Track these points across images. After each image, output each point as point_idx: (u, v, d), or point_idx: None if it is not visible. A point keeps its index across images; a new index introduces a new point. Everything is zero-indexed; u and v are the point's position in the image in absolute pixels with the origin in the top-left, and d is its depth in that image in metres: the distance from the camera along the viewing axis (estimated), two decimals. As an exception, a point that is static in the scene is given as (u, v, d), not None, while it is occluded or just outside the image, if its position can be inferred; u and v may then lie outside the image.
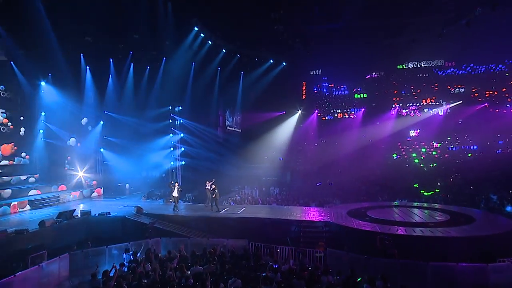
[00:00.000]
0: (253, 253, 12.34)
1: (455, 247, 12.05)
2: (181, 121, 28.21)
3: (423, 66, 38.20)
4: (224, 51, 26.50)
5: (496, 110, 35.32)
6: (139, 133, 26.25)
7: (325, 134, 37.62)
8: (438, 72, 37.93)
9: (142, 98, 25.50)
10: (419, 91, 38.20)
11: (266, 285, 8.65)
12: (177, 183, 17.99)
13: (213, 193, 17.30)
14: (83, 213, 16.03)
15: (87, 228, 15.82)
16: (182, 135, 28.12)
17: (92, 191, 23.74)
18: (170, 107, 27.55)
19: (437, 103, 37.57)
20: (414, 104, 38.05)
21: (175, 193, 17.62)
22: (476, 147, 34.83)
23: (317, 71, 41.57)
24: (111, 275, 9.77)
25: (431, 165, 32.68)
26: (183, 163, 28.19)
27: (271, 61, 29.67)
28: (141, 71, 25.29)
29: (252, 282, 8.91)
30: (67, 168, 23.87)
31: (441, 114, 37.04)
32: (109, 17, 19.17)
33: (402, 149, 35.86)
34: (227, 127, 34.90)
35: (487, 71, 36.79)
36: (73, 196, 21.86)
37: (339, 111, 39.98)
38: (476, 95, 36.84)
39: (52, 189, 21.80)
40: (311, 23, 25.35)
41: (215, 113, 31.81)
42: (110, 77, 24.94)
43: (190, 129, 28.56)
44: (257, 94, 31.77)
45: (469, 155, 34.26)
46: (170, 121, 27.67)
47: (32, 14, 17.25)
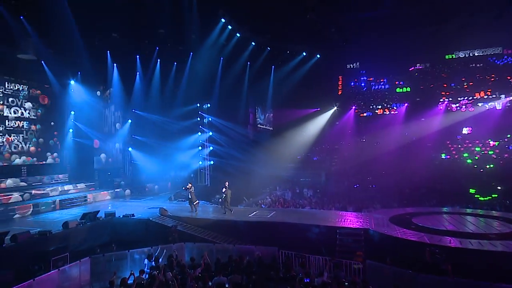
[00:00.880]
0: (282, 262, 11.69)
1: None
2: (210, 119, 28.10)
3: (476, 55, 35.33)
4: (253, 44, 25.93)
5: None
6: (166, 131, 26.39)
7: (364, 131, 36.18)
8: (495, 61, 34.91)
9: (169, 95, 25.65)
10: (472, 83, 35.40)
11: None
12: (189, 183, 17.64)
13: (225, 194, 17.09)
14: (107, 214, 16.09)
15: (111, 230, 15.85)
16: (210, 133, 28.02)
17: (119, 191, 24.08)
18: (198, 105, 27.58)
19: (493, 96, 34.53)
20: (465, 98, 35.26)
21: (189, 195, 17.45)
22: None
23: (354, 64, 40.23)
24: (130, 282, 9.48)
25: (488, 167, 29.97)
26: (212, 162, 28.10)
27: (304, 54, 28.67)
28: (168, 67, 25.41)
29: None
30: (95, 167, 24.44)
31: (498, 108, 33.95)
32: (134, 11, 19.22)
33: (452, 148, 33.28)
34: (258, 125, 34.50)
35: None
36: (101, 196, 22.23)
37: (379, 106, 38.27)
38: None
39: (80, 189, 22.26)
40: (348, 11, 24.03)
41: (244, 110, 31.39)
42: (137, 74, 25.27)
43: (218, 127, 28.36)
44: (289, 89, 30.98)
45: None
46: (198, 119, 27.74)
47: (57, 11, 17.58)
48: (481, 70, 35.18)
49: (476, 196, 24.54)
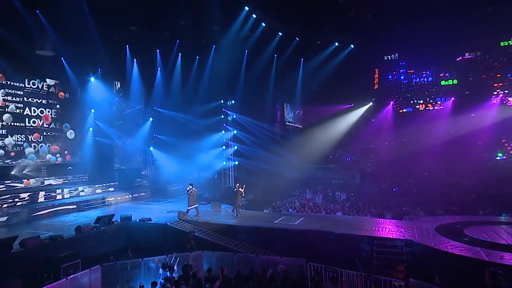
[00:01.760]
0: (311, 277, 10.87)
1: None
2: (234, 116, 27.75)
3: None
4: (280, 34, 25.08)
5: None
6: (188, 130, 26.25)
7: (403, 129, 34.63)
8: None
9: (190, 91, 25.44)
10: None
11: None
12: (191, 185, 17.12)
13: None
14: (123, 218, 15.79)
15: (126, 235, 15.54)
16: (235, 132, 27.67)
17: (140, 193, 23.99)
18: (221, 101, 27.27)
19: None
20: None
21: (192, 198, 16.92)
22: None
23: (393, 56, 38.47)
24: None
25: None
26: (236, 163, 27.72)
27: (336, 44, 27.40)
28: (190, 62, 25.18)
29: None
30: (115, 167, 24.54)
31: None
32: (153, 2, 18.93)
33: (508, 148, 30.62)
34: (287, 123, 33.81)
35: None
36: (120, 198, 22.19)
37: (421, 101, 36.34)
38: None
39: (98, 190, 22.34)
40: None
41: (271, 107, 30.94)
42: (158, 70, 25.13)
43: (243, 125, 28.03)
44: (320, 84, 30.33)
45: None
46: (221, 116, 27.43)
47: (73, 4, 17.57)
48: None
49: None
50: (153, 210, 19.00)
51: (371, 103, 34.51)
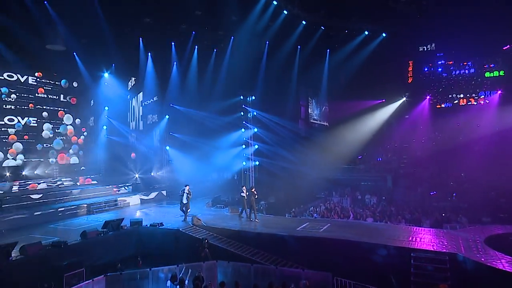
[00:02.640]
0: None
1: None
2: (254, 113, 27.20)
3: None
4: (304, 23, 23.85)
5: None
6: (205, 128, 25.72)
7: (441, 126, 32.54)
8: None
9: (208, 86, 24.90)
10: None
11: None
12: (187, 186, 16.78)
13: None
14: (133, 222, 15.33)
15: (136, 241, 15.10)
16: (255, 130, 27.11)
17: (155, 194, 23.59)
18: (241, 97, 26.75)
19: None
20: None
21: (185, 200, 16.56)
22: None
23: (429, 46, 36.25)
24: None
25: None
26: (257, 163, 27.22)
27: (366, 33, 25.99)
28: (207, 55, 24.59)
29: None
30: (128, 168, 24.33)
31: None
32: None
33: None
34: (312, 120, 32.93)
35: None
36: (134, 200, 21.85)
37: (461, 96, 34.10)
38: None
39: (111, 192, 22.11)
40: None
41: (295, 103, 29.86)
42: (174, 64, 24.72)
43: (265, 123, 27.38)
44: (348, 77, 29.07)
45: None
46: (241, 113, 26.98)
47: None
48: None
49: None
50: (166, 213, 18.60)
51: (405, 98, 32.84)
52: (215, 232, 15.10)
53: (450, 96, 34.48)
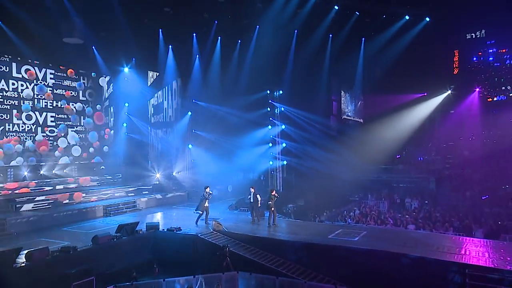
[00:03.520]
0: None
1: None
2: (282, 109, 26.78)
3: None
4: (336, 8, 22.78)
5: None
6: (229, 124, 25.46)
7: (494, 122, 31.32)
8: None
9: (232, 80, 24.55)
10: None
11: None
12: (208, 188, 16.15)
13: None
14: (149, 227, 14.77)
15: (153, 247, 14.55)
16: (283, 127, 26.79)
17: (176, 195, 23.29)
18: (268, 92, 26.38)
19: None
20: None
21: (206, 203, 16.06)
22: None
23: (477, 33, 34.82)
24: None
25: None
26: (285, 163, 26.87)
27: (407, 18, 24.41)
28: (230, 46, 24.23)
29: None
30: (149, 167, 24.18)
31: None
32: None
33: None
34: (344, 116, 32.44)
35: None
36: (154, 201, 21.61)
37: (518, 87, 32.30)
38: None
39: (131, 193, 21.91)
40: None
41: (326, 97, 29.28)
42: (196, 57, 24.40)
43: (293, 119, 27.00)
44: (386, 68, 28.10)
45: None
46: (268, 109, 26.69)
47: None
48: None
49: None
50: (186, 216, 17.97)
51: (450, 91, 31.55)
52: (236, 238, 14.38)
53: (503, 88, 32.91)
